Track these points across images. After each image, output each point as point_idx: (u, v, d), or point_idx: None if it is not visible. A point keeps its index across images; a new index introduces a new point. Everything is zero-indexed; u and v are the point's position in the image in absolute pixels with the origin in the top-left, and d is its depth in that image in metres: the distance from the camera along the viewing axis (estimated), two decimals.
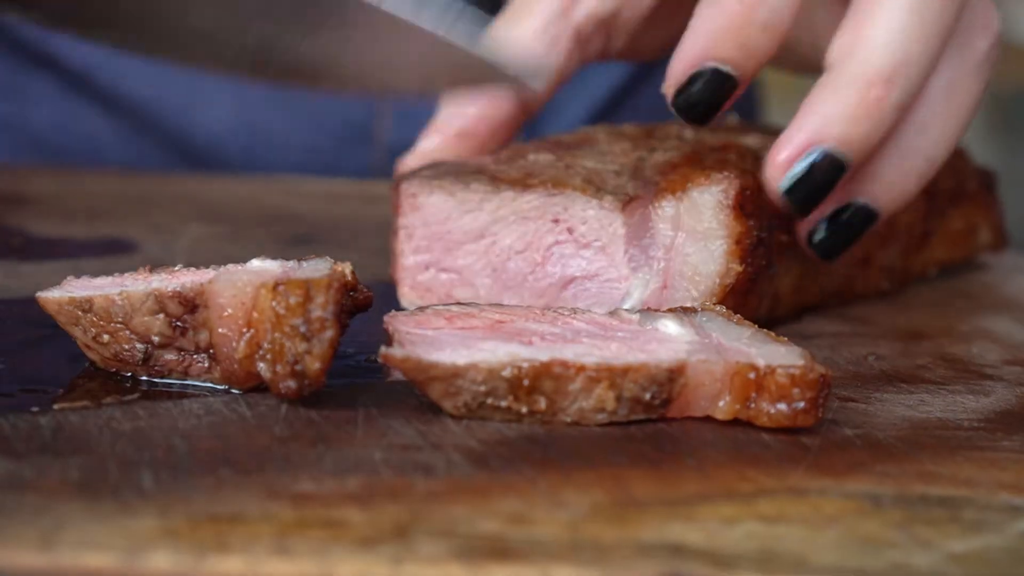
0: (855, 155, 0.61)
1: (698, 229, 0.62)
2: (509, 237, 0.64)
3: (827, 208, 0.64)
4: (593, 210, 0.63)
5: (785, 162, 0.61)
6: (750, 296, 0.63)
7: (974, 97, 0.65)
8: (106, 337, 0.54)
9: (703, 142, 0.68)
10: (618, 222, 0.63)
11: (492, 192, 0.64)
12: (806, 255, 0.66)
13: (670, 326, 0.56)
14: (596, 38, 0.71)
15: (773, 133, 0.65)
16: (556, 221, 0.64)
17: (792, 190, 0.61)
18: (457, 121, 0.70)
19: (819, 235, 0.65)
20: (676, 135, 0.69)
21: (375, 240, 0.75)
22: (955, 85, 0.65)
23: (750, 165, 0.64)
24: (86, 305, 0.54)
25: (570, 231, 0.64)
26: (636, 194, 0.63)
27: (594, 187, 0.63)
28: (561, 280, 0.64)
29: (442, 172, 0.66)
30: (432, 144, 0.70)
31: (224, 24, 0.60)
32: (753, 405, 0.52)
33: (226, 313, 0.53)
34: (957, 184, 0.78)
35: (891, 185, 0.64)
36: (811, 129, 0.61)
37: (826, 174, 0.61)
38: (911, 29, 0.61)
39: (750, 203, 0.62)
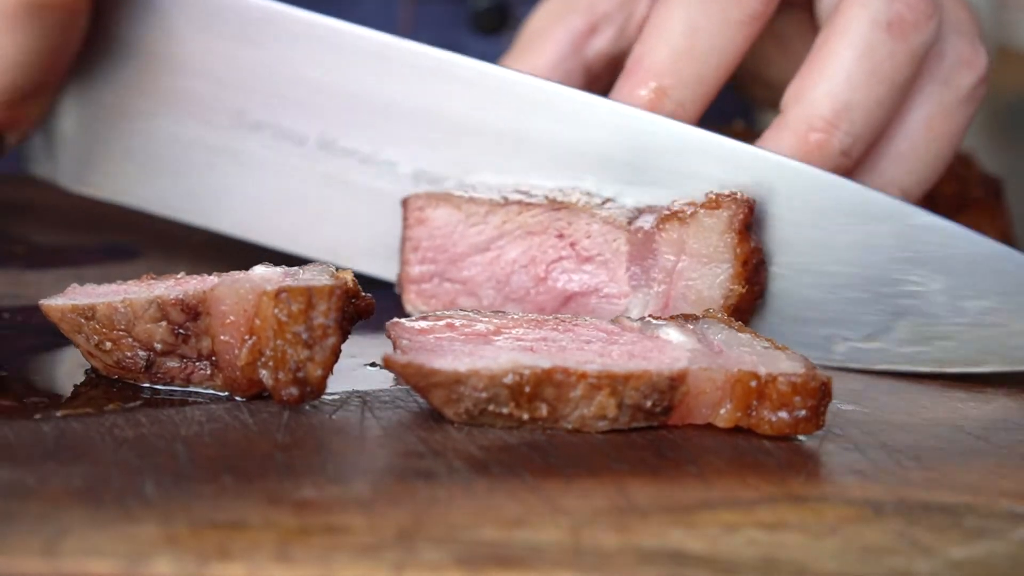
0: None
1: (704, 253, 0.61)
2: (514, 251, 0.65)
3: None
4: (597, 224, 0.63)
5: None
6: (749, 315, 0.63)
7: (955, 132, 0.67)
8: (109, 344, 0.54)
9: None
10: (622, 239, 0.63)
11: (498, 204, 0.65)
12: None
13: (672, 334, 0.56)
14: (606, 75, 0.71)
15: None
16: (560, 236, 0.64)
17: None
18: None
19: None
20: None
21: None
22: (936, 119, 0.66)
23: None
24: (89, 313, 0.54)
25: (573, 245, 0.64)
26: (642, 210, 0.63)
27: (598, 201, 0.63)
28: (562, 295, 0.64)
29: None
30: None
31: None
32: (754, 413, 0.52)
33: (228, 320, 0.53)
34: (962, 190, 0.78)
35: None
36: None
37: None
38: (857, 76, 0.63)
39: (753, 222, 0.62)
